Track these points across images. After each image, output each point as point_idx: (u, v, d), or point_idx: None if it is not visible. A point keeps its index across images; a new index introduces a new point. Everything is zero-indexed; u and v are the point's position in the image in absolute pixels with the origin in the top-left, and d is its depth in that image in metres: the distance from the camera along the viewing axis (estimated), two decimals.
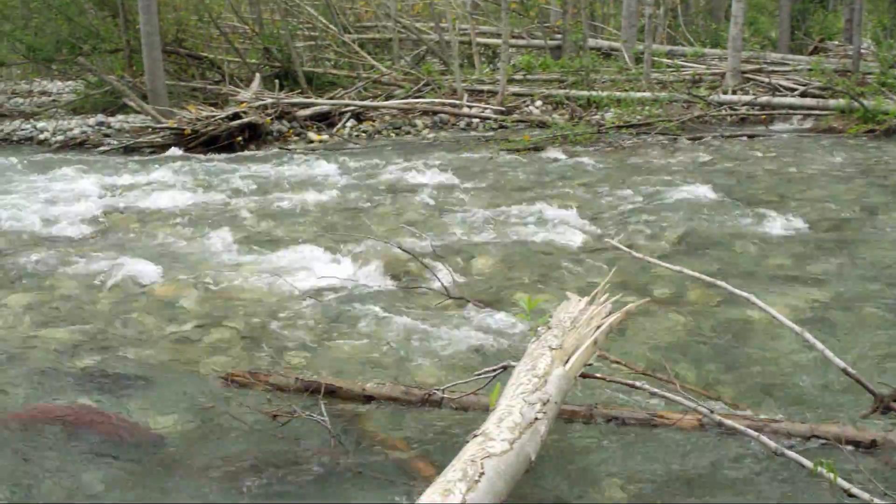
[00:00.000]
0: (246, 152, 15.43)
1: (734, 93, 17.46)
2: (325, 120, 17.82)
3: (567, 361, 3.69)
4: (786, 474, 3.82)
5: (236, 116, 16.03)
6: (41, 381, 5.15)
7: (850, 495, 3.33)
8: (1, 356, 5.55)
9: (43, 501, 3.83)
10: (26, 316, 6.39)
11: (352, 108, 18.26)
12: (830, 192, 9.84)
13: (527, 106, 18.61)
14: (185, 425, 4.54)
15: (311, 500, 3.78)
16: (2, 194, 11.01)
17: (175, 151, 15.35)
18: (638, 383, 4.09)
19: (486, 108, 18.06)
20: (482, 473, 2.72)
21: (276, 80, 19.84)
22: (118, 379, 5.19)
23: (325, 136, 16.95)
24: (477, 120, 17.78)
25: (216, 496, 3.85)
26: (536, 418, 3.15)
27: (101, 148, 16.35)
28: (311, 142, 16.59)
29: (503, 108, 17.99)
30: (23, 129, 18.56)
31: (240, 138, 15.84)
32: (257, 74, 19.45)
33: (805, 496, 3.69)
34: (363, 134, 17.42)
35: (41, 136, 17.95)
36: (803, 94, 16.86)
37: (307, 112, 17.60)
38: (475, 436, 2.99)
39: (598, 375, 4.16)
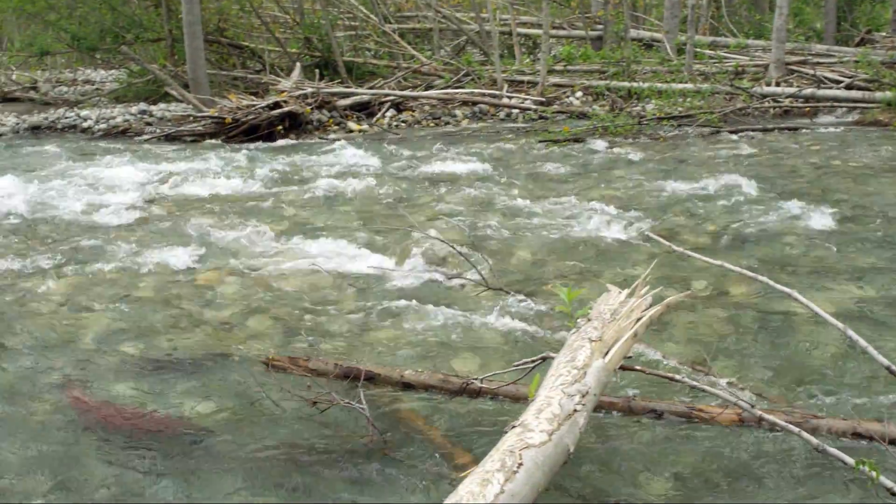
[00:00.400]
0: (286, 141, 15.50)
1: (778, 84, 17.24)
2: (365, 110, 17.86)
3: (607, 353, 3.68)
4: (826, 471, 3.78)
5: (276, 106, 16.11)
6: (83, 366, 5.23)
7: (893, 494, 3.29)
8: (44, 341, 5.64)
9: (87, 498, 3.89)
10: (69, 302, 6.48)
11: (391, 97, 18.28)
12: (875, 187, 9.68)
13: (567, 97, 18.53)
14: (225, 411, 4.59)
15: (348, 488, 3.80)
16: (46, 181, 11.17)
17: (216, 140, 15.49)
18: (678, 376, 4.07)
19: (525, 99, 17.99)
20: (520, 464, 2.72)
21: (317, 70, 19.90)
22: (159, 365, 5.26)
23: (364, 126, 16.99)
24: (517, 111, 17.71)
25: (255, 483, 3.89)
26: (575, 410, 3.14)
27: (143, 136, 16.52)
28: (351, 131, 16.63)
29: (543, 99, 17.91)
30: (67, 117, 18.80)
31: (280, 127, 15.91)
32: (298, 64, 19.53)
33: (846, 494, 3.65)
34: (403, 124, 17.43)
35: (84, 124, 18.17)
36: (849, 87, 16.60)
37: (347, 102, 17.65)
38: (514, 426, 2.98)
39: (637, 368, 4.13)
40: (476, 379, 4.46)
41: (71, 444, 4.30)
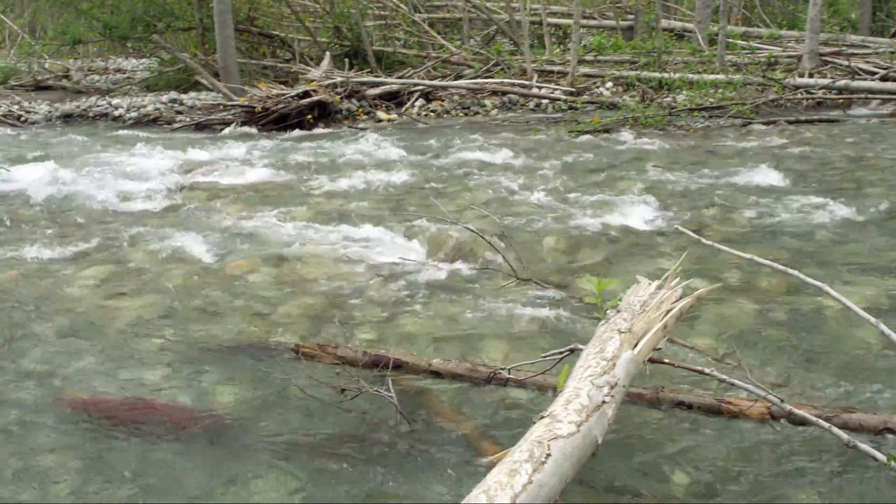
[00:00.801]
0: (315, 130, 15.56)
1: (811, 76, 17.07)
2: (394, 99, 17.89)
3: (636, 345, 3.66)
4: (856, 468, 3.74)
5: (306, 95, 16.16)
6: (112, 354, 5.27)
7: None
8: (74, 328, 5.70)
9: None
10: (99, 289, 6.54)
11: (421, 87, 18.28)
12: None
13: (597, 87, 18.45)
14: (254, 398, 4.62)
15: (375, 476, 3.81)
16: (78, 169, 11.27)
17: (245, 129, 15.56)
18: (707, 369, 4.04)
19: (555, 89, 17.93)
20: (549, 455, 2.71)
21: (346, 59, 19.95)
22: (189, 352, 5.29)
23: (393, 116, 17.01)
24: (546, 101, 17.66)
25: (283, 469, 3.91)
26: (604, 401, 3.13)
27: (174, 125, 16.66)
28: (380, 121, 16.66)
29: (573, 90, 17.85)
30: (98, 106, 18.99)
31: (309, 116, 15.97)
32: (327, 53, 19.57)
33: (876, 491, 3.61)
34: (432, 113, 17.43)
35: (116, 113, 18.34)
36: (884, 78, 16.40)
37: (376, 91, 17.68)
38: (542, 417, 2.98)
39: (666, 360, 4.11)
40: (504, 369, 4.46)
41: (96, 433, 4.34)
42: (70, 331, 5.65)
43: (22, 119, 18.65)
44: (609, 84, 18.46)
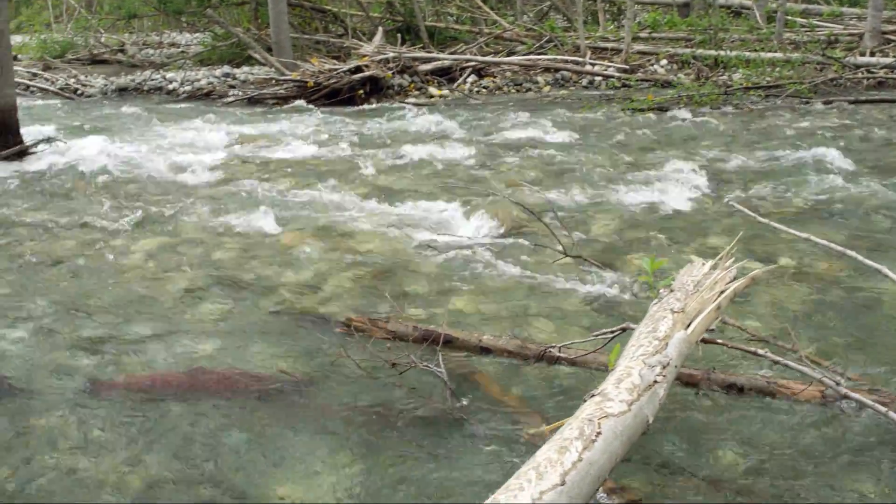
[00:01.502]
0: (366, 106, 15.59)
1: (872, 54, 16.67)
2: (446, 75, 17.83)
3: (689, 325, 3.62)
4: None
5: (358, 70, 16.19)
6: (166, 325, 5.34)
7: None
8: (128, 299, 5.78)
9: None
10: (153, 260, 6.63)
11: (473, 63, 18.20)
12: None
13: (651, 65, 18.22)
14: (304, 370, 4.66)
15: (423, 451, 3.82)
16: (133, 142, 11.43)
17: (297, 103, 15.63)
18: (760, 351, 3.98)
19: (609, 67, 17.75)
20: (599, 433, 2.69)
21: (399, 35, 19.91)
22: (240, 324, 5.35)
23: (445, 92, 16.97)
24: (600, 78, 17.49)
25: (332, 441, 3.94)
26: (656, 381, 3.10)
27: (227, 99, 16.79)
28: (432, 97, 16.63)
29: (627, 67, 17.65)
30: (153, 80, 19.21)
31: (361, 92, 16.00)
32: (380, 28, 19.56)
33: None
34: (484, 90, 17.36)
35: (170, 87, 18.54)
36: None
37: (428, 67, 17.64)
38: (593, 395, 2.96)
39: (719, 341, 4.06)
40: (554, 346, 4.44)
41: (148, 401, 4.41)
42: (125, 301, 5.73)
43: (78, 92, 18.94)
44: (664, 61, 18.22)
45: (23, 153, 10.26)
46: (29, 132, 10.85)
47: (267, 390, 4.48)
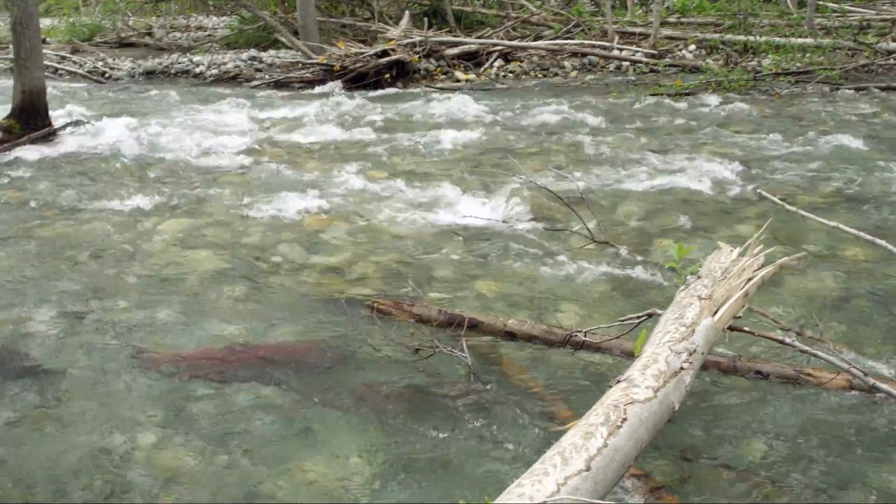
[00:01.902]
0: (393, 90, 15.56)
1: None
2: (473, 59, 17.76)
3: (716, 312, 3.60)
4: None
5: (384, 54, 16.15)
6: (191, 306, 5.38)
7: None
8: (154, 280, 5.82)
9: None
10: (179, 242, 6.67)
11: (500, 47, 18.12)
12: None
13: (679, 50, 18.03)
14: (329, 351, 4.67)
15: (447, 434, 3.83)
16: (159, 124, 11.48)
17: (323, 87, 15.64)
18: (787, 339, 3.95)
19: (637, 52, 17.60)
20: (624, 419, 2.69)
21: (425, 18, 19.84)
22: (265, 305, 5.37)
23: (472, 76, 16.90)
24: (627, 63, 17.35)
25: (356, 420, 3.96)
26: (682, 368, 3.08)
27: (253, 82, 16.81)
28: (458, 81, 16.57)
29: (655, 52, 17.49)
30: (180, 63, 19.26)
31: (387, 76, 15.96)
32: (406, 12, 19.51)
33: None
34: (510, 74, 17.27)
35: (197, 70, 18.58)
36: None
37: (455, 51, 17.58)
38: (619, 381, 2.95)
39: (746, 329, 4.03)
40: (580, 331, 4.42)
41: (175, 377, 4.45)
42: (151, 282, 5.78)
43: (106, 75, 19.03)
44: (692, 47, 18.04)
45: (51, 135, 10.35)
46: (57, 115, 10.92)
47: (297, 369, 4.51)
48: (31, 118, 10.31)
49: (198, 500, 3.43)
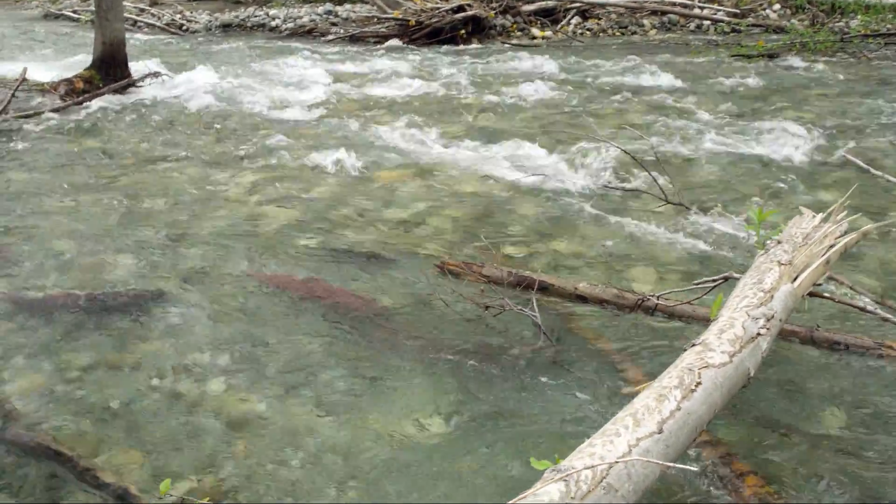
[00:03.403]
0: (468, 46, 15.44)
1: None
2: (550, 16, 17.52)
3: (796, 279, 3.50)
4: None
5: (461, 9, 16.01)
6: (266, 255, 5.44)
7: None
8: (229, 231, 5.88)
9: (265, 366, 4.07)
10: (254, 194, 6.73)
11: (578, 4, 17.83)
12: None
13: (763, 9, 17.54)
14: (398, 306, 4.68)
15: (516, 392, 3.81)
16: (235, 77, 11.56)
17: (399, 42, 15.59)
18: (870, 307, 3.83)
19: (718, 11, 17.17)
20: (699, 383, 2.63)
21: None
22: (336, 258, 5.40)
23: (548, 33, 16.68)
24: (708, 22, 16.94)
25: (426, 372, 3.97)
26: (759, 333, 3.01)
27: (328, 36, 16.82)
28: (534, 38, 16.37)
29: (738, 11, 17.05)
30: (256, 16, 19.36)
31: (462, 32, 15.84)
32: None
33: None
34: (588, 32, 17.00)
35: (272, 23, 18.66)
36: None
37: (532, 7, 17.36)
38: (694, 345, 2.89)
39: (826, 295, 3.92)
40: (652, 296, 4.35)
41: (252, 316, 4.52)
42: (225, 233, 5.84)
43: (184, 28, 19.23)
44: (776, 6, 17.53)
45: (130, 86, 10.50)
46: (136, 66, 11.08)
47: (370, 317, 4.53)
48: (112, 69, 10.48)
49: (266, 446, 3.47)
